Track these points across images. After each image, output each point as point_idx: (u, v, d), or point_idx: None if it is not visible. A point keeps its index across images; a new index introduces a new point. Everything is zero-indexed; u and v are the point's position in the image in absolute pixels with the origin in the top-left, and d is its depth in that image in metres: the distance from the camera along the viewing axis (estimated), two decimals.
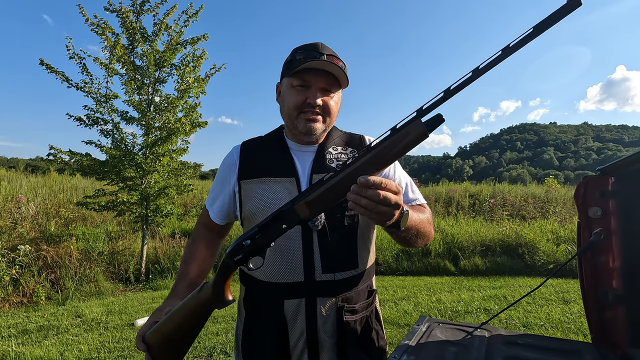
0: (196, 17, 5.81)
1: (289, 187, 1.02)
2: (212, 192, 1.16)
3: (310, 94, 1.01)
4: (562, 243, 6.15)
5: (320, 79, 1.00)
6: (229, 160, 1.12)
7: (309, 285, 0.98)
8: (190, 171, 6.42)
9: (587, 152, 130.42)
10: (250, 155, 1.09)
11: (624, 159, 0.90)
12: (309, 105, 1.01)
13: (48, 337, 3.50)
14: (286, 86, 1.04)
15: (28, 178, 9.77)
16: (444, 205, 10.09)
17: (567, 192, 10.52)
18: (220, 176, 1.14)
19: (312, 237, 0.99)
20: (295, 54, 1.02)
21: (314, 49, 1.00)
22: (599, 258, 0.98)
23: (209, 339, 3.36)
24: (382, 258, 6.20)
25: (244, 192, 1.05)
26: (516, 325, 3.54)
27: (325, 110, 1.03)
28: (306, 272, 0.98)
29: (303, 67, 0.97)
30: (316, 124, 1.03)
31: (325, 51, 1.00)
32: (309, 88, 1.01)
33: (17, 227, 5.74)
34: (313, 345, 0.98)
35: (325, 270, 0.98)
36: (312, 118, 1.02)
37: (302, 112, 1.02)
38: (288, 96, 1.03)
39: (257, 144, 1.14)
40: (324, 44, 1.02)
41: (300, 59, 0.99)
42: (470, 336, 1.10)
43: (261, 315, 1.03)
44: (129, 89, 5.66)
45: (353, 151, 1.12)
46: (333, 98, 1.04)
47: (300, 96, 1.01)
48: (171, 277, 5.56)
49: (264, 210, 0.99)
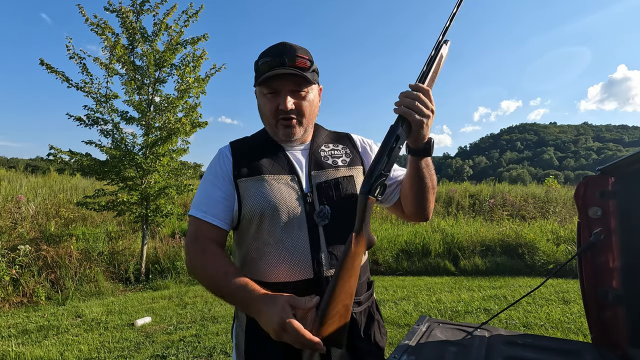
0: (196, 17, 5.81)
1: (291, 184, 1.02)
2: (206, 198, 1.03)
3: (280, 99, 1.00)
4: (562, 243, 6.15)
5: (288, 82, 1.00)
6: (220, 161, 1.06)
7: (319, 281, 0.97)
8: (190, 171, 6.42)
9: (587, 152, 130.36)
10: (244, 153, 1.06)
11: (624, 159, 0.90)
12: (282, 112, 1.01)
13: (48, 337, 3.50)
14: (259, 94, 1.06)
15: (28, 178, 9.78)
16: (444, 205, 10.09)
17: (567, 192, 10.52)
18: (216, 177, 1.04)
19: (319, 232, 0.99)
20: (259, 61, 1.01)
21: (277, 53, 0.99)
22: (599, 258, 0.98)
23: (209, 338, 3.36)
24: (382, 258, 6.20)
25: (243, 191, 1.01)
26: (516, 325, 3.54)
27: (299, 112, 1.03)
28: (315, 268, 0.97)
29: (267, 76, 0.97)
30: (294, 129, 1.03)
31: (288, 54, 0.98)
32: (279, 94, 1.01)
33: (17, 227, 5.73)
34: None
35: (333, 265, 0.98)
36: (288, 124, 1.02)
37: (278, 119, 1.02)
38: (262, 105, 1.04)
39: (246, 143, 1.11)
40: (288, 43, 1.01)
41: (264, 66, 0.99)
42: (470, 336, 1.10)
43: None
44: (129, 89, 5.66)
45: (345, 147, 1.13)
46: (306, 97, 1.03)
47: (272, 103, 1.01)
48: (171, 277, 5.55)
49: (269, 207, 0.97)
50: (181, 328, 3.68)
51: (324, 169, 1.05)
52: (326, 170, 1.06)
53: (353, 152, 1.13)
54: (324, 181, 1.03)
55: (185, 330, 3.60)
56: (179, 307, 4.34)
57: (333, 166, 1.07)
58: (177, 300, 4.62)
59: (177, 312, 4.15)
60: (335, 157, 1.10)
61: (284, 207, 0.98)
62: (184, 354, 3.05)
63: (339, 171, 1.06)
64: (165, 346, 3.23)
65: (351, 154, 1.13)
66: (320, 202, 1.00)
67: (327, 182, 1.03)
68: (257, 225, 0.99)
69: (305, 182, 1.03)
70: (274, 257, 0.98)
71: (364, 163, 1.14)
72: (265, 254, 0.99)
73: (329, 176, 1.04)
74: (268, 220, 0.98)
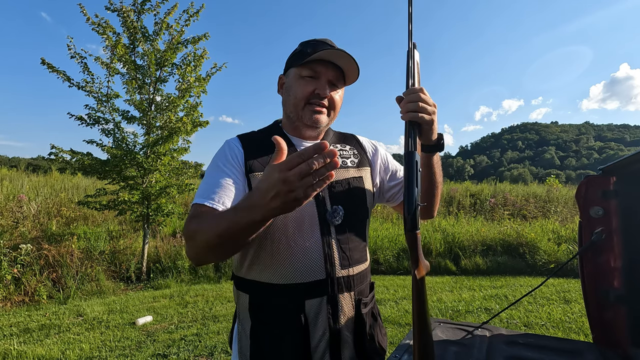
0: (197, 16, 5.81)
1: None
2: (214, 186, 0.93)
3: (319, 85, 1.00)
4: (563, 242, 6.14)
5: (330, 71, 1.01)
6: (231, 150, 1.00)
7: (331, 282, 0.96)
8: (191, 170, 6.42)
9: (589, 152, 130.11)
10: (253, 148, 1.03)
11: (626, 159, 0.90)
12: (317, 96, 1.00)
13: (50, 335, 3.51)
14: (294, 76, 1.03)
15: (29, 177, 9.80)
16: (444, 204, 10.07)
17: (568, 191, 10.50)
18: (226, 164, 0.97)
19: (330, 232, 0.98)
20: (305, 46, 1.02)
21: (324, 42, 1.02)
22: (600, 257, 0.98)
23: (210, 337, 3.36)
24: (383, 257, 6.20)
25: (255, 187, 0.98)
26: (517, 324, 3.54)
27: (331, 103, 1.03)
28: (327, 269, 0.96)
29: (315, 57, 0.97)
30: (322, 116, 1.02)
31: (335, 46, 1.01)
32: (317, 79, 1.01)
33: (19, 226, 5.75)
34: (335, 343, 0.96)
35: (344, 265, 0.98)
36: (318, 110, 1.01)
37: (309, 102, 1.01)
38: (296, 86, 1.02)
39: (255, 138, 1.07)
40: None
41: (310, 50, 0.99)
42: (471, 336, 1.10)
43: (276, 321, 0.96)
44: (130, 88, 5.66)
45: (352, 148, 1.13)
46: (338, 93, 1.05)
47: (309, 86, 1.00)
48: (172, 276, 5.57)
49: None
50: (182, 327, 3.68)
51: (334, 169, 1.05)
52: (337, 170, 1.03)
53: (361, 153, 1.13)
54: (335, 181, 1.02)
55: (186, 329, 3.61)
56: (180, 306, 4.35)
57: (343, 166, 1.06)
58: (178, 299, 4.63)
59: (178, 311, 4.16)
60: (344, 157, 1.09)
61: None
62: (185, 353, 3.05)
63: (348, 172, 1.06)
64: (167, 345, 3.24)
65: (359, 155, 1.12)
66: (332, 202, 0.99)
67: (338, 182, 1.02)
68: (268, 225, 0.97)
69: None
70: (285, 257, 0.95)
71: (371, 165, 1.14)
72: (277, 254, 0.96)
73: (339, 176, 1.04)
74: (280, 219, 0.95)
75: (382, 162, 1.17)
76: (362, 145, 1.16)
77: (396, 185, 1.15)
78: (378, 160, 1.16)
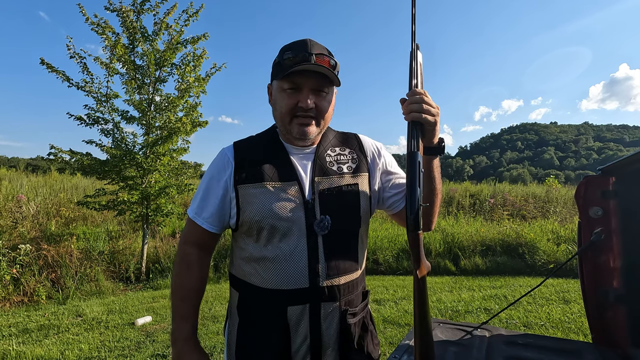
0: (196, 16, 5.80)
1: (292, 192, 0.99)
2: (201, 200, 1.04)
3: (301, 97, 0.97)
4: (562, 243, 6.14)
5: (311, 80, 0.96)
6: (221, 163, 1.04)
7: (314, 291, 0.95)
8: (190, 171, 6.42)
9: (588, 152, 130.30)
10: (246, 158, 1.03)
11: (625, 159, 0.90)
12: (301, 109, 0.97)
13: (49, 336, 3.51)
14: (277, 89, 1.01)
15: (29, 177, 9.78)
16: (444, 205, 10.08)
17: (567, 191, 10.51)
18: (213, 179, 1.04)
19: (317, 242, 0.96)
20: (283, 55, 0.97)
21: (302, 48, 0.96)
22: (599, 258, 0.98)
23: (209, 338, 3.36)
24: (383, 258, 6.20)
25: (242, 198, 0.99)
26: (516, 325, 3.54)
27: (318, 112, 1.00)
28: (311, 278, 0.95)
29: (292, 71, 0.94)
30: (310, 128, 1.00)
31: (314, 50, 0.96)
32: (300, 90, 0.97)
33: (18, 226, 5.74)
34: (316, 349, 0.97)
35: (330, 275, 0.97)
36: (305, 122, 0.99)
37: (294, 116, 0.99)
38: (279, 100, 1.00)
39: (250, 145, 1.08)
40: (312, 40, 0.98)
41: (288, 61, 0.95)
42: (470, 336, 1.10)
43: (260, 321, 1.00)
44: (130, 88, 5.65)
45: (352, 152, 1.09)
46: (326, 98, 1.01)
47: (291, 100, 0.98)
48: (171, 277, 5.55)
49: (268, 215, 0.96)
50: None
51: (328, 176, 1.02)
52: (330, 176, 1.02)
53: (360, 158, 1.09)
54: (327, 188, 1.00)
55: None
56: None
57: (338, 173, 1.04)
58: None
59: None
60: (341, 162, 1.06)
61: (284, 216, 0.96)
62: None
63: (343, 179, 1.03)
64: (166, 345, 3.23)
65: (358, 159, 1.08)
66: (322, 211, 0.98)
67: (330, 189, 1.00)
68: (256, 232, 0.98)
69: (308, 188, 1.00)
70: (270, 264, 0.96)
71: (370, 170, 1.09)
72: (262, 261, 0.97)
73: (332, 183, 1.01)
74: (267, 228, 0.96)
75: (383, 168, 1.12)
76: (364, 148, 1.12)
77: (397, 193, 1.10)
78: (379, 166, 1.11)
